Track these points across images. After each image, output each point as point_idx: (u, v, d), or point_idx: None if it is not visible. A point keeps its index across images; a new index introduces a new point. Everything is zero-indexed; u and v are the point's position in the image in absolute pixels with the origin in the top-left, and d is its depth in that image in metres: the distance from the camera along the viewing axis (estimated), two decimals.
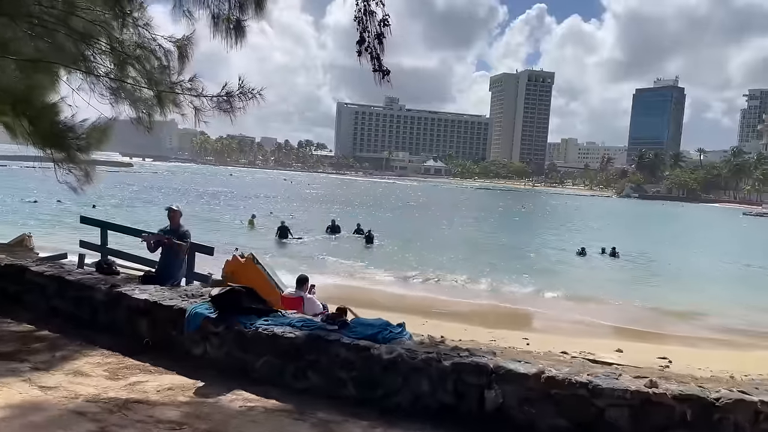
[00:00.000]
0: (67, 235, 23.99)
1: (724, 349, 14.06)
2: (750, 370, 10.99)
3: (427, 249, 28.70)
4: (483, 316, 15.70)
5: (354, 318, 5.73)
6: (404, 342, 4.99)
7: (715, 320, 16.56)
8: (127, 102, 8.94)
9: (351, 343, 4.85)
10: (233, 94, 8.56)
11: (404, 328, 5.30)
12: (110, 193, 51.77)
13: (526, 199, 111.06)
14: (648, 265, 28.95)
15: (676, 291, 21.81)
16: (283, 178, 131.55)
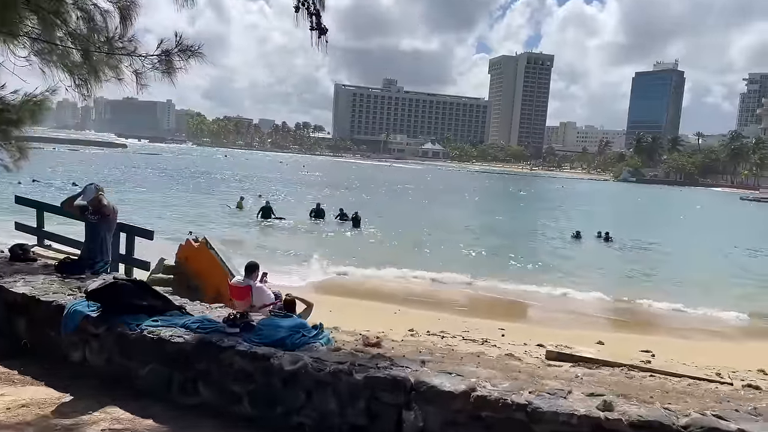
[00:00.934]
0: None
1: (716, 340, 13.29)
2: (739, 365, 10.21)
3: (416, 232, 27.79)
4: (462, 304, 14.90)
5: (264, 318, 4.86)
6: (317, 348, 4.14)
7: (708, 309, 15.75)
8: (61, 68, 8.02)
9: (248, 350, 3.99)
10: (171, 52, 7.61)
11: (321, 329, 4.44)
12: (101, 173, 50.87)
13: (522, 182, 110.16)
14: (642, 251, 28.10)
15: (670, 277, 21.01)
16: (279, 160, 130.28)
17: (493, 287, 16.76)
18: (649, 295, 16.94)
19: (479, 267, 19.60)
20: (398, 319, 12.04)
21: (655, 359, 10.36)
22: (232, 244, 16.95)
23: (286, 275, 15.45)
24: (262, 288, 8.60)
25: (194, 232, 10.33)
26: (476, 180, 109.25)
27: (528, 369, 4.69)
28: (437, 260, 20.34)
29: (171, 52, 7.55)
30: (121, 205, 27.03)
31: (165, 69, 7.66)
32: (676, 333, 13.53)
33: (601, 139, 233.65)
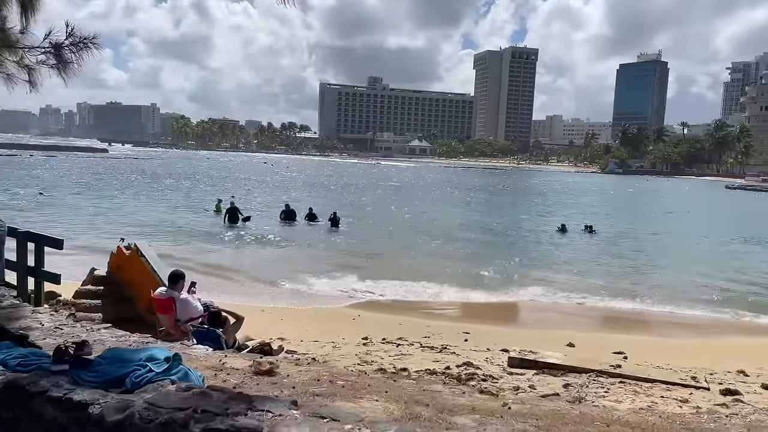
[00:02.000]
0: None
1: (695, 337, 12.49)
2: (717, 365, 9.42)
3: (397, 233, 26.80)
4: (430, 306, 13.95)
5: (109, 350, 3.94)
6: (164, 388, 3.24)
7: (690, 303, 14.98)
8: None
9: (61, 396, 3.08)
10: (62, 45, 6.70)
11: (176, 362, 3.53)
12: (68, 178, 49.65)
13: (509, 177, 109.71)
14: (625, 243, 27.24)
15: (653, 270, 20.25)
16: (263, 161, 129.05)
17: (465, 284, 15.88)
18: (628, 290, 16.22)
19: (456, 265, 18.77)
20: (355, 325, 11.16)
21: (627, 362, 9.54)
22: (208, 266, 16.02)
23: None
24: (188, 300, 7.69)
25: (126, 238, 9.35)
26: (461, 176, 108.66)
27: (449, 399, 3.79)
28: (412, 259, 19.53)
29: (62, 45, 6.65)
30: (78, 211, 25.78)
31: (55, 63, 6.76)
32: (654, 329, 12.75)
33: (588, 131, 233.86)
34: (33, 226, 23.15)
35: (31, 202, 31.43)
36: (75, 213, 27.70)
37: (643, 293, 15.67)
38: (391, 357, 8.61)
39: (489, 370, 8.32)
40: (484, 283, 16.43)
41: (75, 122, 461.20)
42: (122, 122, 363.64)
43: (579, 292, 15.54)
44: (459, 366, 8.41)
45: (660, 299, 15.07)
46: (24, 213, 26.49)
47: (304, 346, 8.91)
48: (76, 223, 24.10)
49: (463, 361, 8.70)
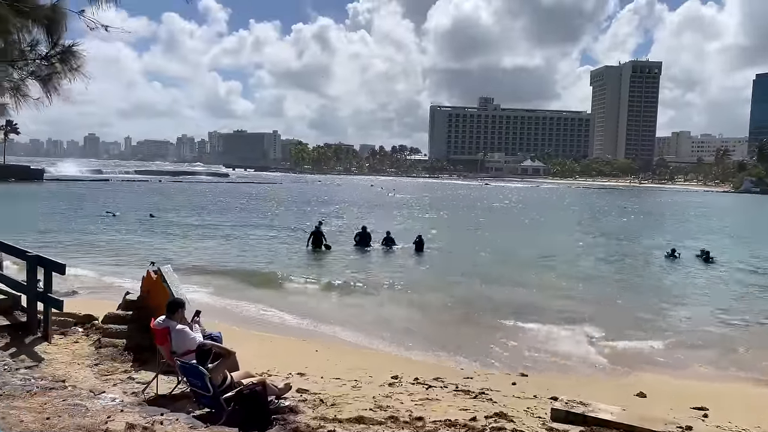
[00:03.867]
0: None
1: None
2: None
3: (490, 259, 24.76)
4: (487, 343, 12.31)
5: None
6: None
7: None
8: None
9: None
10: (50, 56, 6.56)
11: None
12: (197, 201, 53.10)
13: (629, 197, 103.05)
14: (751, 278, 22.67)
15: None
16: (370, 184, 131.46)
17: (532, 315, 14.34)
18: (736, 333, 13.70)
19: (531, 293, 17.26)
20: (391, 363, 10.15)
21: (706, 421, 7.91)
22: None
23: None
24: (184, 331, 7.27)
25: (156, 262, 9.23)
26: (576, 196, 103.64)
27: None
28: (494, 288, 18.21)
29: (50, 56, 6.52)
30: (179, 231, 26.90)
31: (45, 75, 6.65)
32: (754, 379, 10.61)
33: (719, 147, 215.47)
34: (142, 245, 24.83)
35: (143, 222, 34.11)
36: (174, 233, 29.17)
37: (753, 337, 13.30)
38: (414, 402, 7.68)
39: (524, 425, 7.16)
40: (560, 313, 14.82)
41: (206, 150, 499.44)
42: (247, 149, 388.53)
43: (661, 330, 13.50)
44: (489, 417, 7.34)
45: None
46: (133, 233, 28.49)
47: (321, 383, 8.22)
48: (174, 243, 25.29)
49: (497, 411, 7.57)
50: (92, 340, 9.16)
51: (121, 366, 8.14)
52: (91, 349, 8.73)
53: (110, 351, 8.64)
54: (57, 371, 6.80)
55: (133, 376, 7.76)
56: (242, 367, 8.30)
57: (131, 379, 7.68)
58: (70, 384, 6.73)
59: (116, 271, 18.07)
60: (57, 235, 26.78)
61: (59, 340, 9.21)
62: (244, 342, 10.59)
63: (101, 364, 8.19)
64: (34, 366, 6.83)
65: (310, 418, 6.74)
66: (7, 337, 7.47)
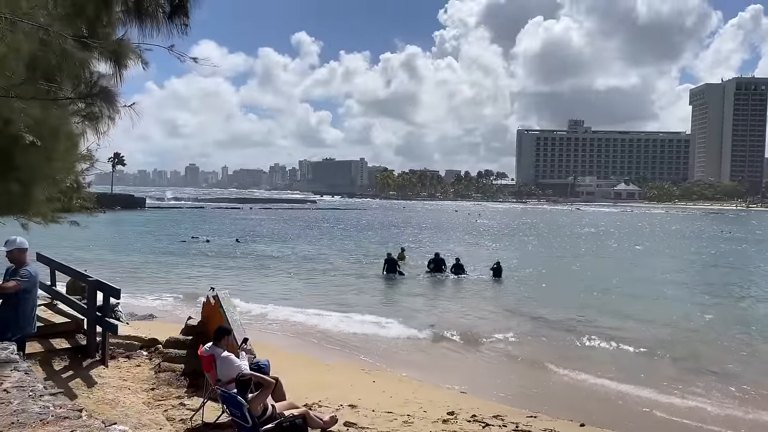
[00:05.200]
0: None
1: None
2: None
3: (569, 292, 22.66)
4: (555, 392, 10.64)
5: None
6: None
7: None
8: None
9: None
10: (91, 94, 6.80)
11: None
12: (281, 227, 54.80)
13: (736, 223, 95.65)
14: None
15: None
16: (454, 209, 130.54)
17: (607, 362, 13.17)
18: None
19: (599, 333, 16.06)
20: (458, 399, 9.57)
21: None
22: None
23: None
24: (229, 358, 7.25)
25: (215, 287, 9.35)
26: (674, 221, 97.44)
27: None
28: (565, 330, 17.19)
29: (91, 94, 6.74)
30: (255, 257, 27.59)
31: (85, 115, 6.87)
32: None
33: None
34: (220, 267, 25.84)
35: (229, 246, 35.71)
36: (250, 259, 30.04)
37: None
38: None
39: None
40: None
41: (297, 177, 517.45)
42: (335, 176, 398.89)
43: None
44: None
45: None
46: (217, 257, 29.64)
47: (371, 417, 7.92)
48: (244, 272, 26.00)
49: None
50: (154, 364, 9.37)
51: (175, 391, 8.23)
52: (151, 374, 8.90)
53: (168, 376, 8.78)
54: (107, 395, 6.93)
55: (185, 402, 7.81)
56: (294, 396, 8.18)
57: (183, 405, 7.72)
58: (120, 410, 6.81)
59: (196, 293, 18.63)
60: (145, 258, 28.31)
61: (123, 363, 9.49)
62: (300, 370, 10.51)
63: (157, 388, 8.32)
64: (83, 389, 6.99)
65: None
66: (67, 360, 7.74)
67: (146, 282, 21.32)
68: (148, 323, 13.42)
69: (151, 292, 18.84)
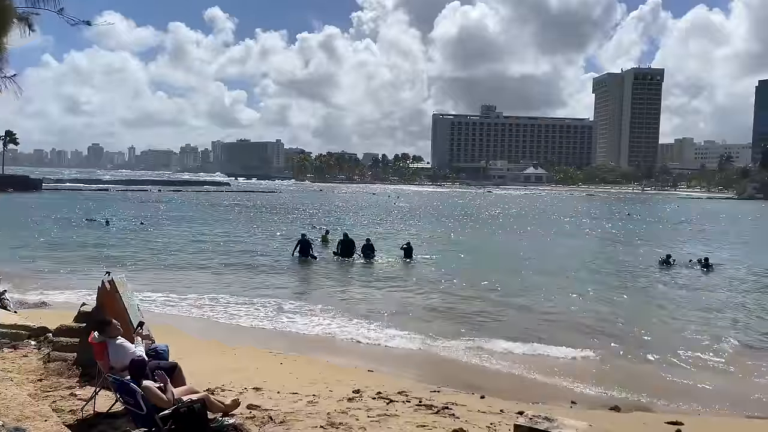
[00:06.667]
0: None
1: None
2: None
3: (476, 266, 24.41)
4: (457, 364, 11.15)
5: None
6: None
7: None
8: None
9: None
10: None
11: None
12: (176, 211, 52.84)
13: (632, 204, 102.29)
14: (751, 282, 22.25)
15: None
16: (372, 192, 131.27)
17: (518, 330, 13.88)
18: (740, 348, 12.60)
19: (506, 303, 16.84)
20: (365, 378, 9.64)
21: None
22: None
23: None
24: (123, 345, 6.92)
25: (111, 272, 8.85)
26: (576, 203, 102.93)
27: None
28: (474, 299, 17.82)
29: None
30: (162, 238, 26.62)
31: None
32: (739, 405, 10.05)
33: (722, 154, 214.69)
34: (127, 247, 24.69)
35: (132, 229, 34.33)
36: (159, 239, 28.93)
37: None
38: (370, 418, 7.31)
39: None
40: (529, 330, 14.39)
41: (210, 159, 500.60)
42: (250, 158, 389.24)
43: (639, 340, 13.02)
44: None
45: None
46: (119, 241, 28.23)
47: (276, 399, 7.85)
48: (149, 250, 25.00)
49: (456, 427, 7.20)
50: (43, 354, 8.83)
51: (66, 381, 7.80)
52: (39, 364, 8.40)
53: (58, 366, 8.31)
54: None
55: (76, 393, 7.42)
56: (196, 381, 7.96)
57: (73, 395, 7.33)
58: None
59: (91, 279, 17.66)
60: (37, 245, 26.55)
61: (8, 354, 8.90)
62: (205, 354, 10.26)
63: (45, 379, 7.86)
64: None
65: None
66: None
67: (37, 268, 20.01)
68: (39, 312, 12.63)
69: (43, 279, 17.72)
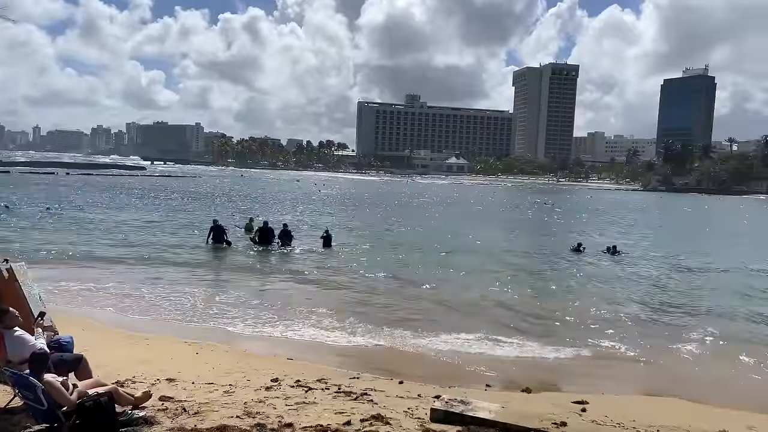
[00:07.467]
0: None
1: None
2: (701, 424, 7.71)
3: (406, 256, 24.04)
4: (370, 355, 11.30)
5: None
6: None
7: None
8: None
9: None
10: None
11: None
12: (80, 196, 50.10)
13: (546, 194, 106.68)
14: (656, 267, 23.81)
15: (687, 304, 16.39)
16: (296, 179, 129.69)
17: (433, 315, 14.25)
18: (642, 329, 13.41)
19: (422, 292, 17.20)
20: (284, 366, 9.57)
21: (583, 416, 7.93)
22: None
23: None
24: (22, 336, 6.52)
25: (9, 259, 8.24)
26: (495, 192, 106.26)
27: None
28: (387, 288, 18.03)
29: None
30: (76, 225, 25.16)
31: None
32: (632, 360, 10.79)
33: (630, 148, 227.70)
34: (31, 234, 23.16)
35: (35, 215, 32.23)
36: (72, 226, 27.37)
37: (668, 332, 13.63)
38: (288, 407, 7.24)
39: (400, 427, 6.88)
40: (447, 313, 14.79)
41: (124, 141, 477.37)
42: (168, 141, 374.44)
43: (549, 321, 13.67)
44: (364, 420, 7.02)
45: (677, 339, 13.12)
46: (31, 227, 26.43)
47: (190, 390, 7.63)
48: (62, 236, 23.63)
49: (374, 413, 7.26)
50: None
51: None
52: None
53: None
54: None
55: None
56: (105, 373, 7.62)
57: None
58: None
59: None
60: None
61: None
62: (115, 344, 9.84)
63: None
64: None
65: (165, 429, 6.18)
66: None
67: None
68: None
69: None
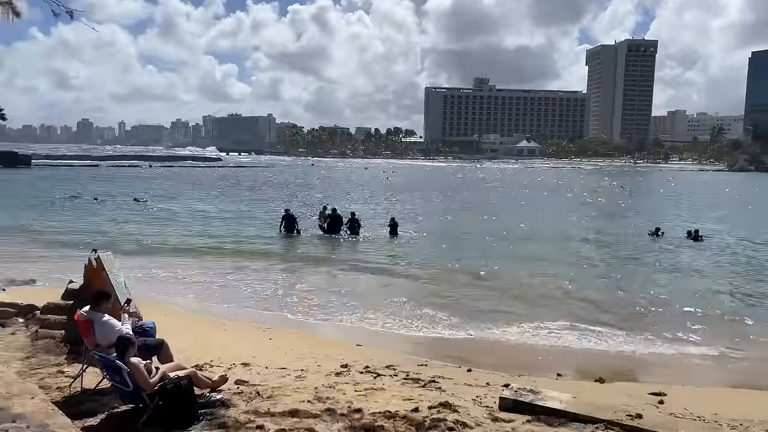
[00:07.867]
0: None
1: None
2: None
3: (465, 240, 24.37)
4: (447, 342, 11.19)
5: None
6: None
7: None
8: None
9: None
10: None
11: None
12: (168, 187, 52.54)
13: (624, 177, 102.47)
14: (743, 254, 22.05)
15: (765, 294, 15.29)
16: (365, 167, 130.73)
17: (506, 305, 14.03)
18: (727, 321, 12.65)
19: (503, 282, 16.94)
20: (354, 353, 9.73)
21: (661, 408, 7.63)
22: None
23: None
24: (109, 322, 6.93)
25: (99, 249, 8.81)
26: (569, 176, 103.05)
27: None
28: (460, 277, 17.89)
29: None
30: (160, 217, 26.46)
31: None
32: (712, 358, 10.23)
33: (714, 126, 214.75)
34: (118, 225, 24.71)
35: (125, 206, 34.30)
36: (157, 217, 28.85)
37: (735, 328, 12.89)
38: (357, 392, 7.38)
39: (468, 415, 6.85)
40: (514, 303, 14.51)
41: (201, 134, 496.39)
42: (241, 133, 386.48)
43: (626, 309, 13.14)
44: (432, 407, 7.04)
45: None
46: (118, 218, 28.13)
47: (264, 374, 7.91)
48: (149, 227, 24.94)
49: (442, 400, 7.27)
50: (31, 331, 8.85)
51: (54, 359, 7.83)
52: (27, 341, 8.42)
53: (46, 343, 8.34)
54: None
55: (63, 370, 7.45)
56: (185, 357, 8.01)
57: (61, 372, 7.37)
58: None
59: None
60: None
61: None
62: (194, 329, 10.31)
63: (33, 357, 7.88)
64: None
65: (240, 412, 6.43)
66: None
67: (26, 246, 19.92)
68: (28, 289, 12.61)
69: (31, 256, 17.67)
